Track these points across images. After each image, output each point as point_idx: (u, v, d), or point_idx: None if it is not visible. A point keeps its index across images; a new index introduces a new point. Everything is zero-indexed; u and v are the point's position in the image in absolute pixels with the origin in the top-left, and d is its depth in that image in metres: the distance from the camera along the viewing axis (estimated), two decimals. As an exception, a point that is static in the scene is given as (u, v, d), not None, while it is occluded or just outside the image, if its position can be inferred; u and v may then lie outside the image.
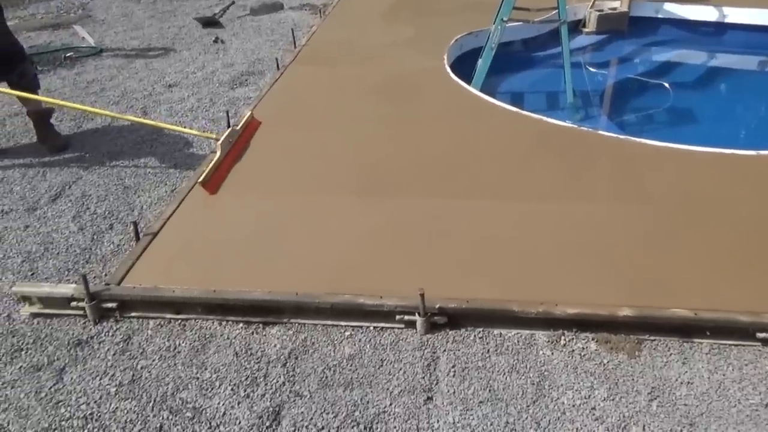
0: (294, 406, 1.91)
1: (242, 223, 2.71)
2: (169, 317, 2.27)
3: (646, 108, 4.75)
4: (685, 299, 2.13)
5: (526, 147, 3.26)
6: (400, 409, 1.89)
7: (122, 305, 2.27)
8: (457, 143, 3.33)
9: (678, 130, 4.31)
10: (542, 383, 1.95)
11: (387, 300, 2.17)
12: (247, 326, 2.23)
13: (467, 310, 2.15)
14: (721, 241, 2.44)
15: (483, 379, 1.97)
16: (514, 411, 1.86)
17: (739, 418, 1.81)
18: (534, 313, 2.11)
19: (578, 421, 1.82)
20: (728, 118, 4.70)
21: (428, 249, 2.48)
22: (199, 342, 2.17)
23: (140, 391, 1.98)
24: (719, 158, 3.06)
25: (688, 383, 1.93)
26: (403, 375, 2.00)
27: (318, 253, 2.48)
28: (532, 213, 2.68)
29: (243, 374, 2.03)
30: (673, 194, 2.77)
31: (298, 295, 2.22)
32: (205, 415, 1.89)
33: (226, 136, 3.21)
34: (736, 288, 2.19)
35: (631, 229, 2.55)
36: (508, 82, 5.13)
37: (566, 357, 2.04)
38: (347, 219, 2.70)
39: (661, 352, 2.05)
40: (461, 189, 2.89)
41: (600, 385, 1.93)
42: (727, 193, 2.78)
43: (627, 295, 2.17)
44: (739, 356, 2.02)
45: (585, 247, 2.45)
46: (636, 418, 1.82)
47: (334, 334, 2.18)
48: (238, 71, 4.84)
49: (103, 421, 1.88)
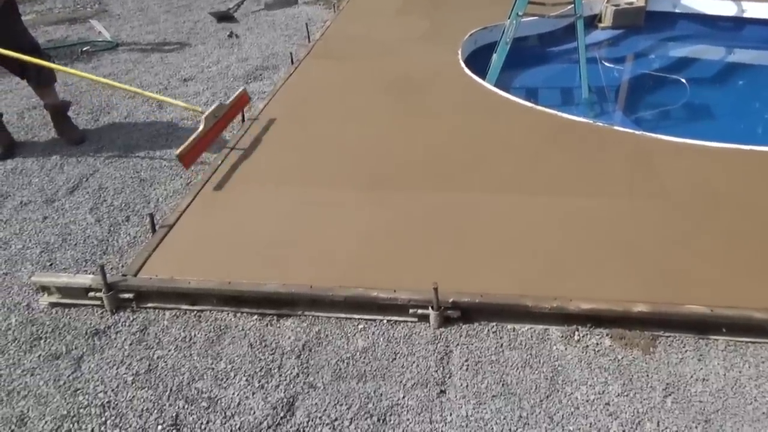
0: (308, 397, 1.93)
1: (256, 215, 2.73)
2: (185, 308, 2.29)
3: (663, 104, 4.70)
4: (701, 295, 2.11)
5: (541, 142, 3.24)
6: (414, 401, 1.89)
7: (139, 296, 2.30)
8: (471, 138, 3.32)
9: (695, 125, 4.26)
10: (556, 378, 1.95)
11: (400, 293, 2.17)
12: (261, 318, 2.25)
13: (481, 304, 2.15)
14: (738, 236, 2.41)
15: (496, 374, 1.97)
16: (528, 405, 1.86)
17: (755, 415, 1.80)
18: (548, 308, 2.10)
19: (592, 416, 1.82)
20: (746, 114, 4.64)
21: (442, 243, 2.48)
22: (214, 333, 2.19)
23: (156, 381, 2.00)
24: (737, 154, 3.03)
25: (703, 380, 1.92)
26: (416, 368, 2.01)
27: (332, 247, 2.49)
28: (546, 207, 2.67)
29: (257, 365, 2.05)
30: (689, 190, 2.74)
31: (312, 288, 2.23)
32: (220, 404, 1.91)
33: (212, 110, 3.16)
34: (754, 284, 2.17)
35: (647, 224, 2.53)
36: (523, 77, 5.10)
37: (580, 352, 2.04)
38: (361, 212, 2.70)
39: (676, 348, 2.04)
40: (475, 183, 2.88)
41: (614, 380, 1.93)
42: (744, 188, 2.74)
43: (642, 291, 2.16)
44: (756, 353, 2.00)
45: (600, 242, 2.44)
46: (650, 414, 1.81)
47: (348, 327, 2.19)
48: (252, 66, 4.86)
49: (120, 409, 1.91)
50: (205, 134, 3.10)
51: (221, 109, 3.25)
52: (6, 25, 3.34)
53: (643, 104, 4.83)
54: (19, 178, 3.33)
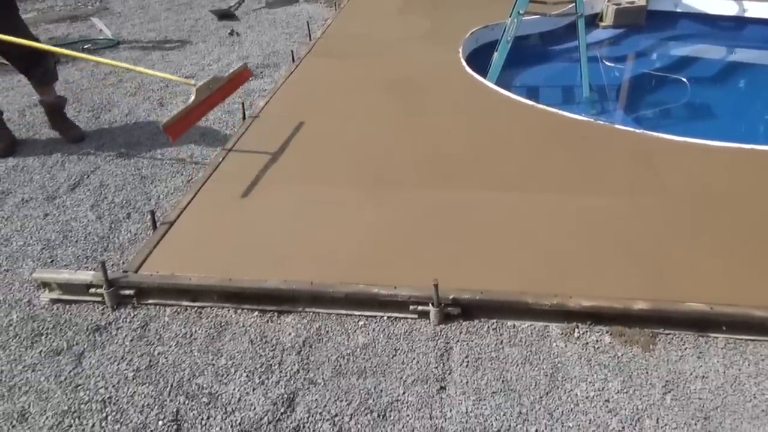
0: (308, 393, 1.93)
1: (257, 213, 2.73)
2: (186, 305, 2.30)
3: (664, 103, 4.70)
4: (701, 293, 2.12)
5: (542, 140, 3.25)
6: (414, 397, 1.90)
7: (139, 292, 2.30)
8: (472, 136, 3.32)
9: (696, 125, 4.26)
10: (555, 375, 1.95)
11: (401, 290, 2.18)
12: (262, 315, 2.25)
13: (481, 301, 2.15)
14: (738, 235, 2.42)
15: (496, 370, 1.98)
16: (527, 402, 1.86)
17: (755, 412, 1.80)
18: (548, 305, 2.11)
19: (591, 413, 1.82)
20: (747, 114, 4.64)
21: (442, 240, 2.48)
22: (214, 329, 2.19)
23: (157, 377, 2.01)
24: (738, 153, 3.03)
25: (703, 377, 1.92)
26: (416, 364, 2.02)
27: (333, 244, 2.49)
28: (547, 205, 2.67)
29: (258, 361, 2.05)
30: (690, 188, 2.75)
31: (312, 284, 2.24)
32: (221, 400, 1.91)
33: (206, 82, 3.00)
34: (754, 282, 2.17)
35: (648, 222, 2.53)
36: (524, 75, 5.10)
37: (580, 349, 2.04)
38: (362, 210, 2.71)
39: (676, 345, 2.04)
40: (476, 181, 2.89)
41: (614, 377, 1.93)
42: (744, 188, 2.75)
43: (642, 289, 2.16)
44: (756, 351, 2.01)
45: (600, 239, 2.44)
46: (650, 410, 1.82)
47: (348, 324, 2.19)
48: (253, 63, 4.86)
49: (120, 404, 1.91)
50: (197, 106, 2.94)
51: (216, 82, 3.08)
52: (6, 18, 3.32)
53: (644, 103, 4.84)
54: (20, 175, 3.34)
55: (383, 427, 1.81)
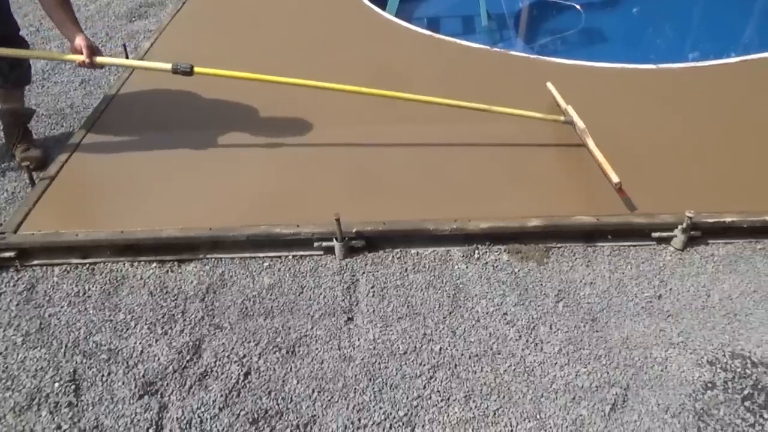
0: (214, 338, 1.90)
1: (144, 162, 2.57)
2: (76, 262, 2.16)
3: (560, 30, 4.81)
4: (589, 207, 2.24)
5: (442, 70, 3.24)
6: (322, 331, 1.91)
7: (21, 254, 2.14)
8: (373, 69, 3.25)
9: (587, 49, 4.42)
10: (458, 295, 2.02)
11: (304, 228, 2.15)
12: (161, 265, 2.16)
13: (384, 232, 2.17)
14: (621, 151, 2.55)
15: (401, 297, 2.02)
16: (432, 323, 1.93)
17: (635, 310, 1.97)
18: (448, 230, 2.16)
19: (491, 327, 1.91)
20: (634, 36, 4.85)
21: (343, 176, 2.46)
22: (110, 285, 2.09)
23: (50, 338, 1.90)
24: (621, 72, 3.17)
25: (591, 284, 2.06)
26: (323, 299, 2.02)
27: (231, 187, 2.41)
28: (444, 133, 2.70)
29: (159, 312, 1.98)
30: (579, 107, 2.85)
31: (212, 230, 2.16)
32: (121, 355, 1.84)
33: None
34: (633, 195, 2.31)
35: (541, 143, 2.62)
36: (423, 6, 5.04)
37: (480, 269, 2.12)
38: (258, 154, 2.62)
39: (567, 257, 2.17)
40: (377, 115, 2.85)
41: (511, 292, 2.03)
42: (628, 105, 2.89)
43: (536, 207, 2.26)
44: (637, 255, 2.17)
45: (496, 163, 2.51)
46: (544, 318, 1.94)
47: (253, 266, 2.15)
48: (136, 2, 4.47)
49: (11, 371, 1.80)
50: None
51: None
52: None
53: (541, 31, 4.93)
54: None
55: (292, 362, 1.82)
